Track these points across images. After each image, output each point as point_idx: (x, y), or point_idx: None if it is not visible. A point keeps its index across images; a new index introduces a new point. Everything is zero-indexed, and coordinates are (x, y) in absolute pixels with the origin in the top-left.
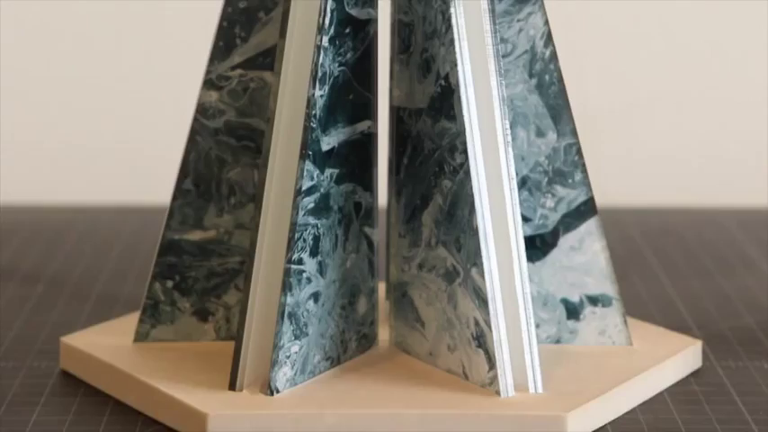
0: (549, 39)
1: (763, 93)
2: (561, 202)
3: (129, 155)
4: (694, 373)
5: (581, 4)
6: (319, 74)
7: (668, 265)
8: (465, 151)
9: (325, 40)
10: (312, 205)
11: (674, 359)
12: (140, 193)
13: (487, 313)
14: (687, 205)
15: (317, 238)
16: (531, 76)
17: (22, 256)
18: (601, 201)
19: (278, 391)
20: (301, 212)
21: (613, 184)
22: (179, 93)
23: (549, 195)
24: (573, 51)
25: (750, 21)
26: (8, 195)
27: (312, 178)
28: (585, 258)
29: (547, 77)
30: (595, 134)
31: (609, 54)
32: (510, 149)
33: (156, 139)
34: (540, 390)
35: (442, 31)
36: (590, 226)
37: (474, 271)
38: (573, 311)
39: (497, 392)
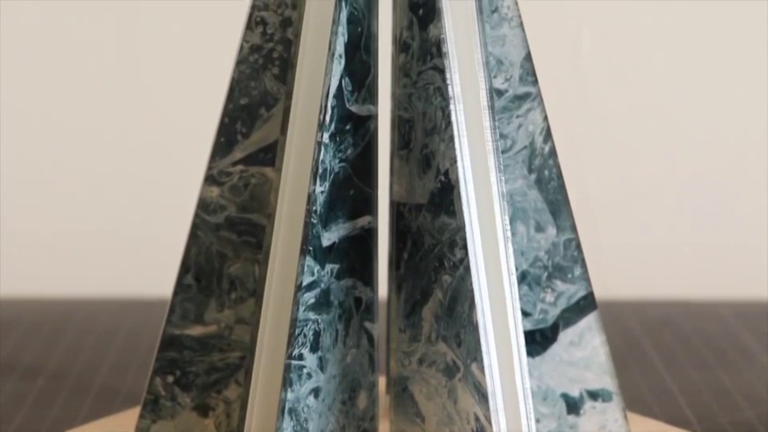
0: (548, 134)
1: (762, 186)
2: (561, 297)
3: (131, 247)
4: None
5: (579, 97)
6: (320, 170)
7: (668, 357)
8: (465, 247)
9: (326, 136)
10: (313, 301)
11: None
12: (141, 285)
13: (488, 408)
14: (686, 297)
15: (317, 334)
16: (530, 171)
17: (23, 349)
18: (600, 292)
19: None
20: (302, 308)
21: (613, 276)
22: (181, 187)
23: (549, 290)
24: (572, 143)
25: (745, 112)
26: (8, 287)
27: (313, 274)
28: (585, 353)
29: (546, 173)
30: (595, 226)
31: (608, 145)
32: (510, 245)
33: (157, 232)
34: None
35: (441, 127)
36: (590, 321)
37: (474, 366)
38: (573, 406)
39: None
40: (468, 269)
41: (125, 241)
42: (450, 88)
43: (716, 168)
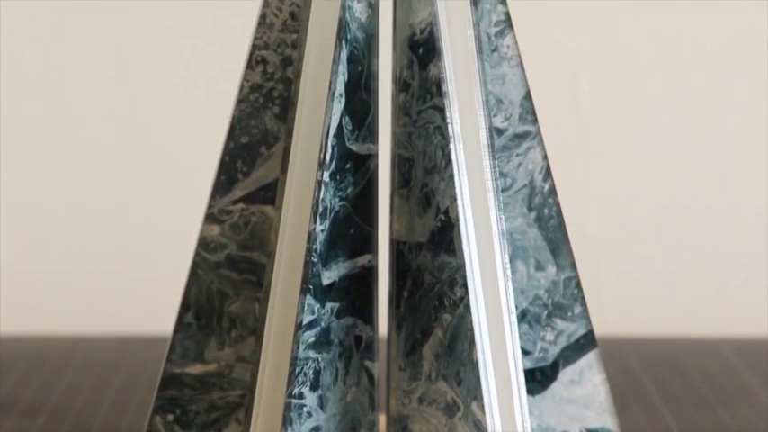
0: (547, 173)
1: (762, 223)
2: (561, 336)
3: (131, 285)
4: None
5: (579, 136)
6: (320, 209)
7: (668, 395)
8: (465, 285)
9: (326, 175)
10: (313, 339)
11: None
12: (142, 322)
13: None
14: (686, 334)
15: (317, 372)
16: (530, 209)
17: (23, 386)
18: (600, 330)
19: None
20: (302, 346)
21: (613, 313)
22: (181, 225)
23: (549, 328)
24: (572, 181)
25: (745, 150)
26: (9, 325)
27: (313, 312)
28: (585, 391)
29: (546, 211)
30: (595, 263)
31: (607, 183)
32: (510, 283)
33: (157, 270)
34: None
35: (441, 166)
36: (590, 359)
37: (474, 405)
38: None
39: None
40: (468, 307)
41: (125, 279)
42: (450, 127)
43: (715, 206)
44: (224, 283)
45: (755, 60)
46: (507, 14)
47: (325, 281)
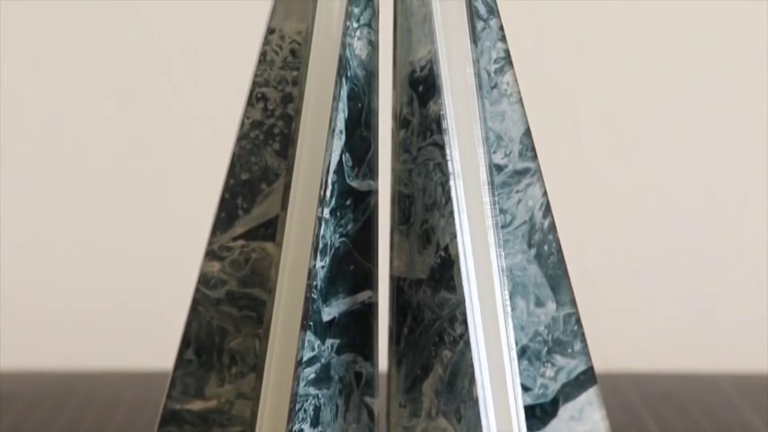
0: (547, 209)
1: (762, 258)
2: (561, 372)
3: (131, 321)
4: None
5: (579, 172)
6: (320, 245)
7: (668, 430)
8: (465, 322)
9: (326, 211)
10: (313, 376)
11: None
12: (142, 358)
13: None
14: (686, 370)
15: (317, 409)
16: (530, 246)
17: (24, 422)
18: (600, 366)
19: None
20: (302, 383)
21: (612, 348)
22: (181, 262)
23: (549, 365)
24: (572, 216)
25: (745, 185)
26: (9, 360)
27: (313, 349)
28: (585, 428)
29: (546, 248)
30: (595, 299)
31: (607, 219)
32: (509, 320)
33: (158, 307)
34: None
35: (441, 202)
36: (590, 395)
37: None
38: None
39: None
40: (468, 344)
41: (126, 315)
42: (449, 164)
43: (715, 241)
44: (224, 320)
45: (754, 97)
46: (507, 51)
47: (326, 317)
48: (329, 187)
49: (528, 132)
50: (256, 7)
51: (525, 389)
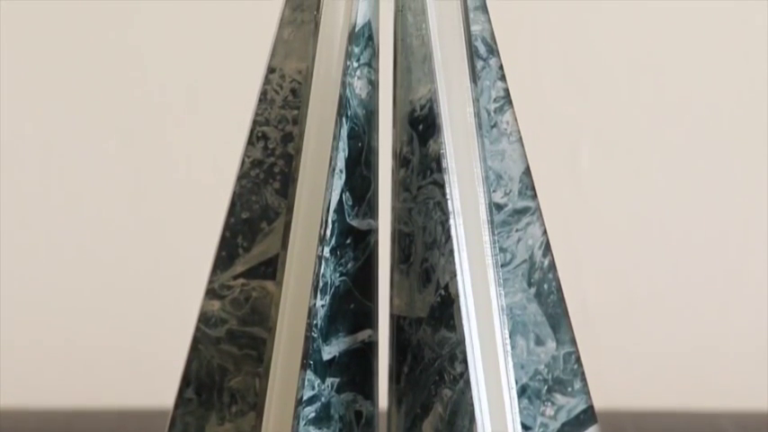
0: (547, 248)
1: (762, 296)
2: (561, 411)
3: (132, 359)
4: None
5: (579, 210)
6: (320, 284)
7: None
8: (465, 360)
9: (327, 250)
10: (313, 415)
11: None
12: (142, 396)
13: None
14: (686, 408)
15: None
16: (530, 285)
17: None
18: (600, 404)
19: None
20: (302, 422)
21: (612, 386)
22: (182, 300)
23: (549, 404)
24: (572, 254)
25: (744, 222)
26: (9, 398)
27: (313, 388)
28: None
29: (545, 286)
30: (595, 337)
31: (607, 256)
32: (509, 358)
33: (158, 345)
34: None
35: (441, 241)
36: None
37: None
38: None
39: None
40: (468, 383)
41: (126, 353)
42: (449, 203)
43: (715, 279)
44: (224, 359)
45: (753, 133)
46: (507, 90)
47: (326, 356)
48: (329, 226)
49: (528, 171)
50: (257, 46)
51: (525, 428)
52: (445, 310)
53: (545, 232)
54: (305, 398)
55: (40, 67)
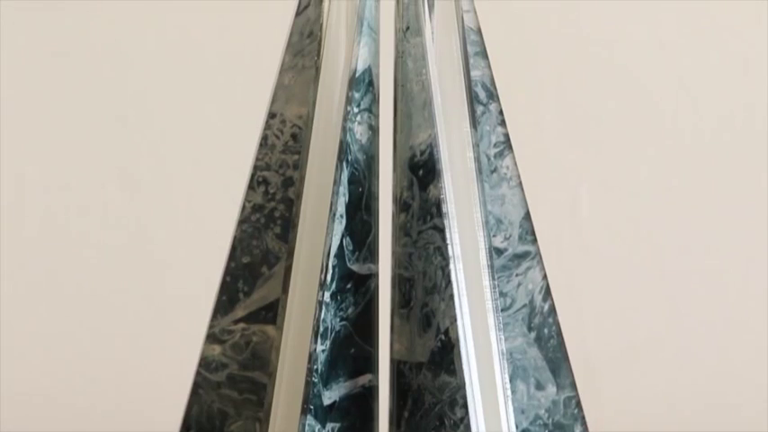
0: (547, 293)
1: (762, 341)
2: None
3: (131, 404)
4: None
5: (579, 255)
6: (321, 329)
7: None
8: (465, 405)
9: (327, 295)
10: None
11: None
12: None
13: None
14: None
15: None
16: (530, 329)
17: None
18: None
19: None
20: None
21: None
22: (182, 345)
23: None
24: (572, 299)
25: (745, 265)
26: None
27: None
28: None
29: (546, 331)
30: (595, 381)
31: (608, 301)
32: (510, 403)
33: (158, 390)
34: None
35: (441, 286)
36: None
37: None
38: None
39: None
40: (468, 428)
41: (126, 398)
42: (449, 248)
43: (715, 324)
44: (225, 403)
45: (753, 177)
46: (507, 136)
47: (326, 401)
48: (330, 271)
49: (528, 216)
50: (257, 91)
51: None
52: (446, 355)
53: (545, 277)
54: None
55: (42, 111)
